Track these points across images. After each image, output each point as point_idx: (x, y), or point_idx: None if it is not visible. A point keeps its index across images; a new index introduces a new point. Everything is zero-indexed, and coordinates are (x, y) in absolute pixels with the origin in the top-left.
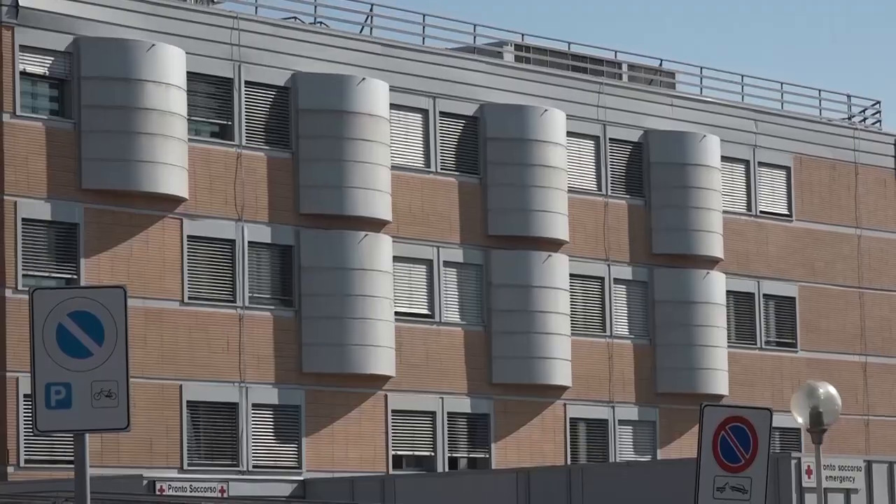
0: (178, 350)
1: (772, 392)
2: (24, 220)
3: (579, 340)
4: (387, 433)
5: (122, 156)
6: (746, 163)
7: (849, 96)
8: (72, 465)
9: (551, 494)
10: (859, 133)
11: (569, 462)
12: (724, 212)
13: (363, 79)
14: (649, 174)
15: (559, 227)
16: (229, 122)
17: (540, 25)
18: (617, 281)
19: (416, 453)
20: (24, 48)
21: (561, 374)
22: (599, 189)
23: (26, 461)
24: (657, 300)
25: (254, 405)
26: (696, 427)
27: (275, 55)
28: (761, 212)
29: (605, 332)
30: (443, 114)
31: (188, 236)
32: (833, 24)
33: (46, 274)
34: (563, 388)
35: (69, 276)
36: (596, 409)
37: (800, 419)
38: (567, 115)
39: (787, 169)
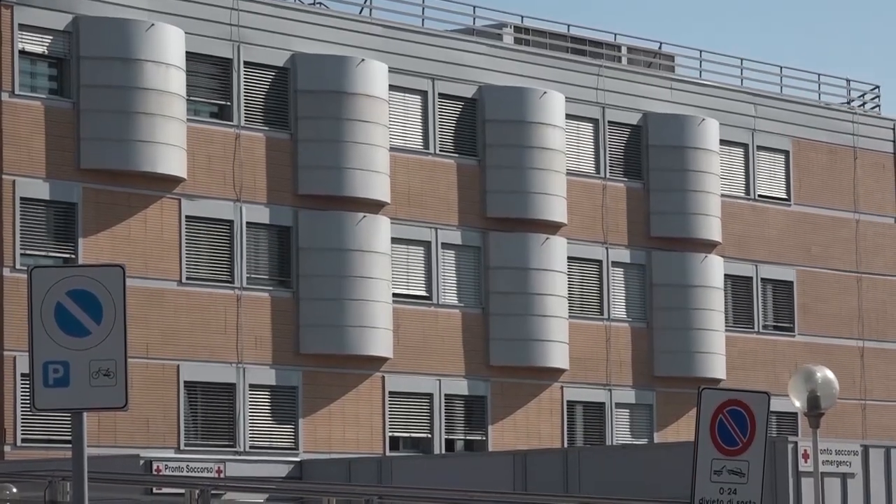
0: (176, 330)
1: (769, 376)
2: (22, 199)
3: (577, 323)
4: (384, 415)
5: (120, 136)
6: (745, 146)
7: (848, 80)
8: (69, 445)
9: (547, 477)
10: (858, 117)
11: (565, 445)
12: (723, 195)
13: (362, 60)
14: (648, 157)
15: (557, 210)
16: (228, 103)
17: (539, 8)
18: (615, 264)
19: (413, 435)
20: (23, 27)
21: (558, 356)
22: (598, 172)
23: (23, 440)
24: (655, 283)
25: (251, 386)
26: (694, 410)
27: (274, 36)
28: (760, 195)
29: (602, 314)
30: (442, 95)
31: (186, 216)
32: (833, 8)
33: (44, 253)
34: (560, 371)
35: (67, 255)
36: (593, 391)
37: (797, 403)
38: (566, 97)
39: (786, 153)
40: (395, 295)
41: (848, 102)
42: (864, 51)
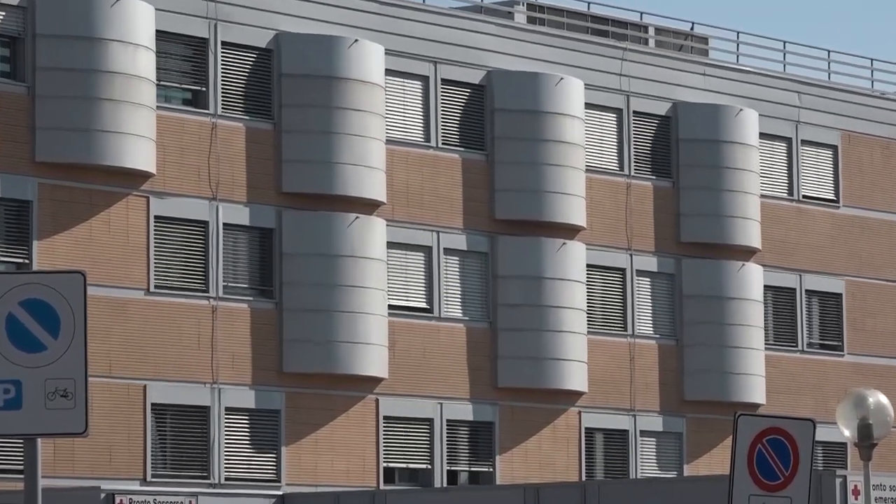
0: (143, 346)
1: (815, 401)
2: None
3: (597, 340)
4: (377, 443)
5: (81, 125)
6: (788, 140)
7: None
8: (20, 475)
9: None
10: None
11: (583, 478)
12: (763, 196)
13: (355, 40)
14: (678, 152)
15: (575, 211)
16: (203, 89)
17: None
18: (640, 273)
19: (411, 466)
20: None
21: (575, 377)
22: (621, 168)
23: None
24: (685, 295)
25: (227, 409)
26: (729, 440)
27: (256, 13)
28: (804, 196)
29: (625, 330)
30: (445, 81)
31: (156, 217)
32: None
33: None
34: (578, 394)
35: (20, 259)
36: (615, 417)
37: (846, 432)
38: (586, 84)
39: (834, 148)
40: (390, 307)
41: None
42: None
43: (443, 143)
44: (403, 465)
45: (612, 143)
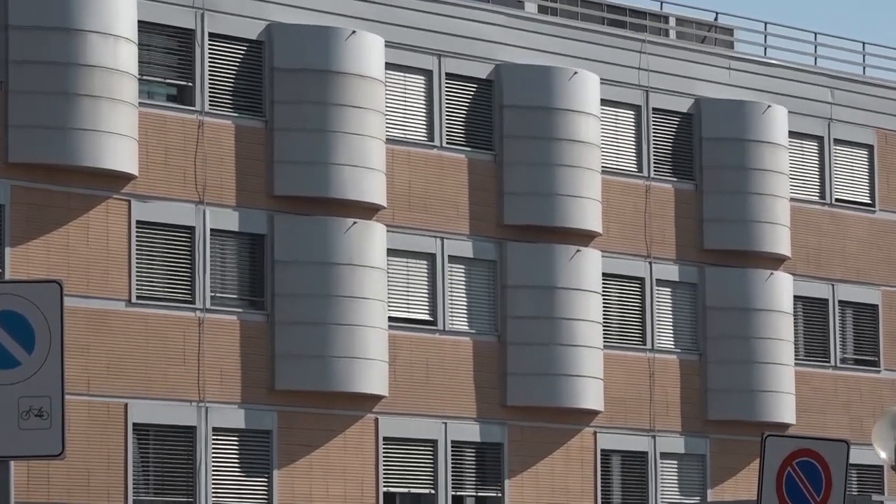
0: (124, 361)
1: (849, 420)
2: None
3: (613, 355)
4: (377, 466)
5: (58, 123)
6: (820, 140)
7: None
8: None
9: None
10: None
11: (599, 503)
12: (792, 199)
13: (353, 32)
14: (701, 152)
15: (590, 216)
16: (189, 84)
17: None
18: (660, 282)
19: (413, 490)
20: None
21: (590, 395)
22: (640, 170)
23: None
24: (709, 306)
25: (215, 429)
26: (756, 462)
27: (246, 2)
28: (837, 200)
29: (644, 344)
30: (450, 76)
31: (138, 222)
32: None
33: None
34: (593, 413)
35: None
36: (633, 438)
37: (882, 454)
38: (601, 79)
39: (870, 147)
40: (391, 319)
41: None
42: None
43: (447, 143)
44: (405, 490)
45: (629, 142)
